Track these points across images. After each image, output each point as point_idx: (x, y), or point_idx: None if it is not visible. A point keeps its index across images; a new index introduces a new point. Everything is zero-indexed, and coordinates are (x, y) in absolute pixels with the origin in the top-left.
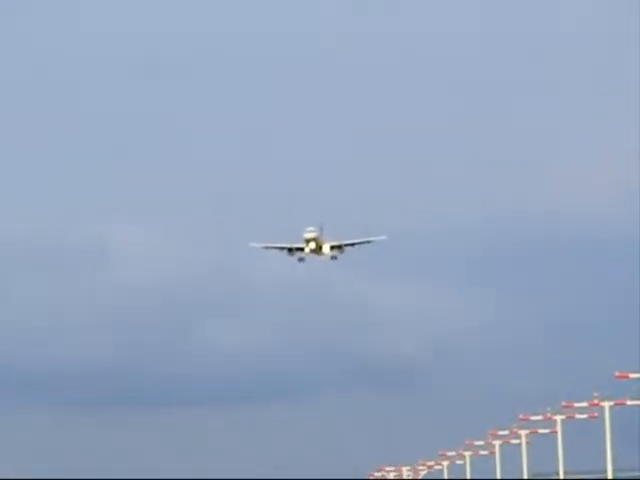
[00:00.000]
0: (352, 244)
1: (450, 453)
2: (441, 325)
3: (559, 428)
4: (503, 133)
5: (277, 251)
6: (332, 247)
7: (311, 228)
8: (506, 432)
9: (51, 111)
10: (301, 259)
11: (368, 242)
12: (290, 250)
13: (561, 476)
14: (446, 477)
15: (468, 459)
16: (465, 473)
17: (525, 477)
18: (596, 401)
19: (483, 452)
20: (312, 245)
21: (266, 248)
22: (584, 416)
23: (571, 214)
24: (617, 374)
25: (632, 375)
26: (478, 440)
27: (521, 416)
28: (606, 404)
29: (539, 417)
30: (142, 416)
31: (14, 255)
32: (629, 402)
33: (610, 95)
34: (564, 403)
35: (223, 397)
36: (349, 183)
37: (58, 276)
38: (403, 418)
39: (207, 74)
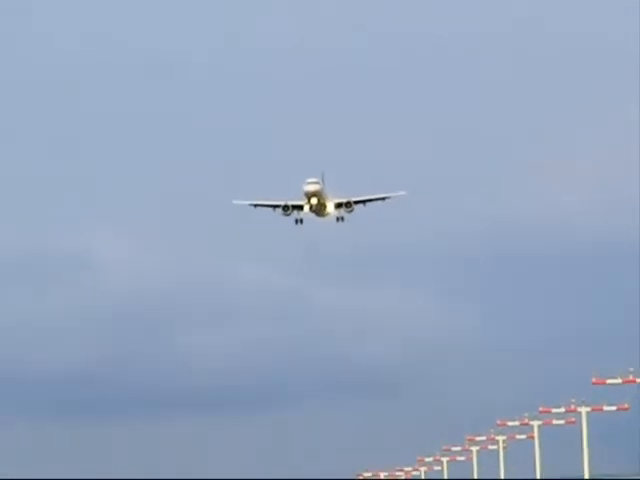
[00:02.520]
0: (363, 201)
1: (428, 459)
2: (422, 333)
3: (536, 434)
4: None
5: (268, 211)
6: (338, 205)
7: (313, 179)
8: (483, 438)
9: (36, 123)
10: (299, 220)
11: (383, 199)
12: (285, 208)
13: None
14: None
15: (445, 465)
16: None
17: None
18: (573, 407)
19: (460, 458)
20: (314, 201)
21: (254, 206)
22: (561, 422)
23: (551, 228)
24: (594, 380)
25: (609, 381)
26: (455, 446)
27: (498, 422)
28: (583, 410)
29: (516, 423)
30: (125, 423)
31: None
32: (606, 408)
33: (605, 108)
34: (541, 409)
35: (207, 405)
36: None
37: (41, 286)
38: (383, 424)
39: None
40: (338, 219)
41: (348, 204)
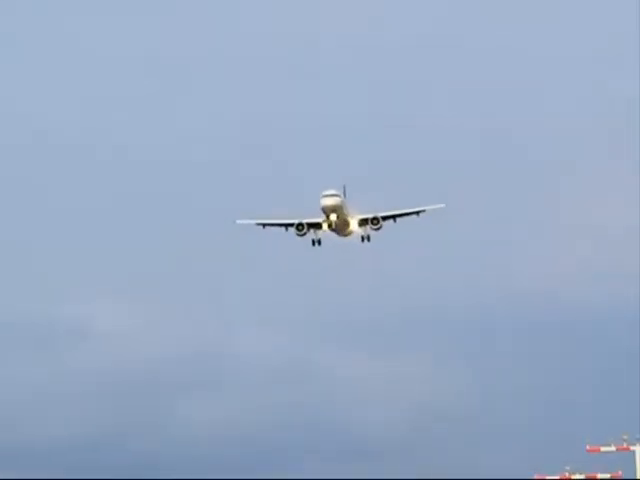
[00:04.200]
0: (394, 216)
1: None
2: (415, 400)
3: None
4: None
5: (279, 230)
6: (363, 221)
7: (332, 191)
8: None
9: (34, 188)
10: (316, 241)
11: (417, 213)
12: (300, 227)
13: None
14: None
15: None
16: None
17: None
18: (567, 474)
19: None
20: (333, 217)
21: (262, 226)
22: None
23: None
24: (588, 448)
25: (603, 449)
26: None
27: None
28: (577, 477)
29: None
30: None
31: None
32: (600, 476)
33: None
34: (537, 476)
35: (208, 470)
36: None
37: (42, 354)
38: None
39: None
40: (363, 238)
41: (375, 220)
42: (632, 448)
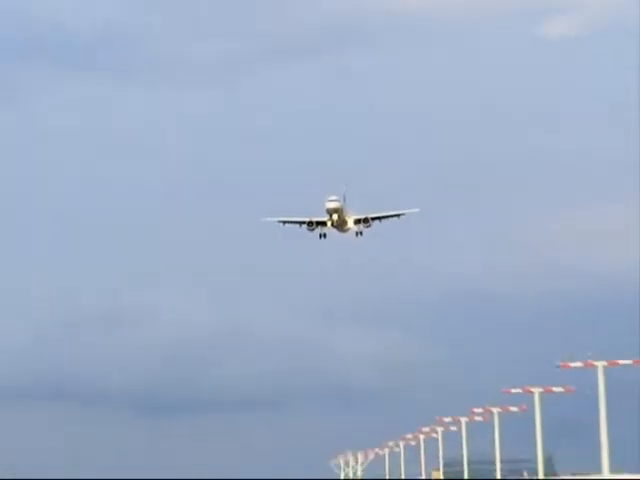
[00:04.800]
0: (380, 217)
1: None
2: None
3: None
4: None
5: (294, 226)
6: (357, 221)
7: (334, 197)
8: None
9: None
10: (322, 235)
11: (398, 216)
12: (310, 224)
13: None
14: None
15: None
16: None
17: None
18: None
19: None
20: (335, 217)
21: (282, 223)
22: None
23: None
24: (560, 364)
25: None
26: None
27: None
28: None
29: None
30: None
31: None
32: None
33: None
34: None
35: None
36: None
37: (115, 329)
38: None
39: None
40: (357, 234)
41: (366, 220)
42: (597, 364)
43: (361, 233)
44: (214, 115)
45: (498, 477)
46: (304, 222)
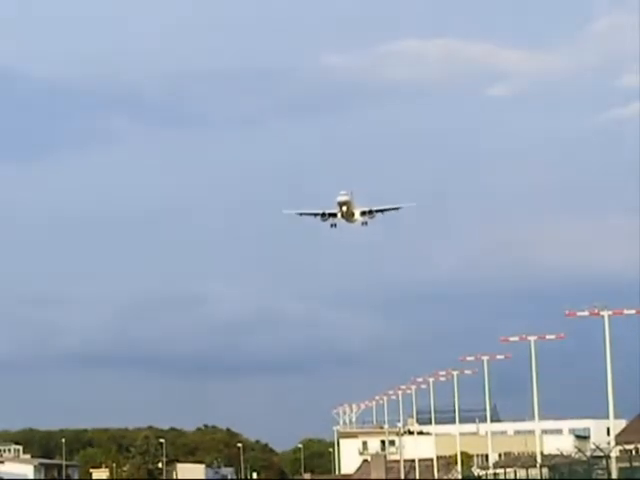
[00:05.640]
0: (381, 210)
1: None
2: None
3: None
4: None
5: (310, 217)
6: (363, 213)
7: (344, 192)
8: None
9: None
10: (333, 225)
11: (396, 209)
12: (324, 215)
13: None
14: None
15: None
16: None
17: None
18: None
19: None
20: (344, 208)
21: (300, 215)
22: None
23: None
24: (567, 312)
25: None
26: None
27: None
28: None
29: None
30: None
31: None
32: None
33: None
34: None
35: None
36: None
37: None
38: None
39: None
40: (363, 224)
41: (370, 212)
42: (601, 313)
43: (366, 223)
44: None
45: (457, 421)
46: (318, 214)
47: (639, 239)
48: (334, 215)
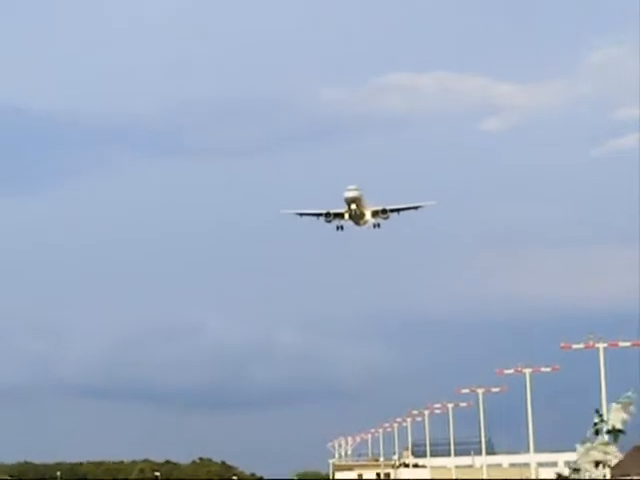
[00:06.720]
0: (398, 210)
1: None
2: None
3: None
4: None
5: (312, 218)
6: (375, 212)
7: (353, 186)
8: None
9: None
10: (340, 227)
11: (416, 208)
12: (327, 216)
13: None
14: None
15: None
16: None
17: None
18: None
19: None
20: (353, 207)
21: (300, 215)
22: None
23: None
24: (562, 345)
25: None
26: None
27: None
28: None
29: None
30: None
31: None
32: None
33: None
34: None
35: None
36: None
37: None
38: None
39: None
40: (375, 226)
41: (384, 211)
42: (597, 345)
43: (379, 225)
44: None
45: (452, 454)
46: (321, 214)
47: (638, 270)
48: (341, 216)
